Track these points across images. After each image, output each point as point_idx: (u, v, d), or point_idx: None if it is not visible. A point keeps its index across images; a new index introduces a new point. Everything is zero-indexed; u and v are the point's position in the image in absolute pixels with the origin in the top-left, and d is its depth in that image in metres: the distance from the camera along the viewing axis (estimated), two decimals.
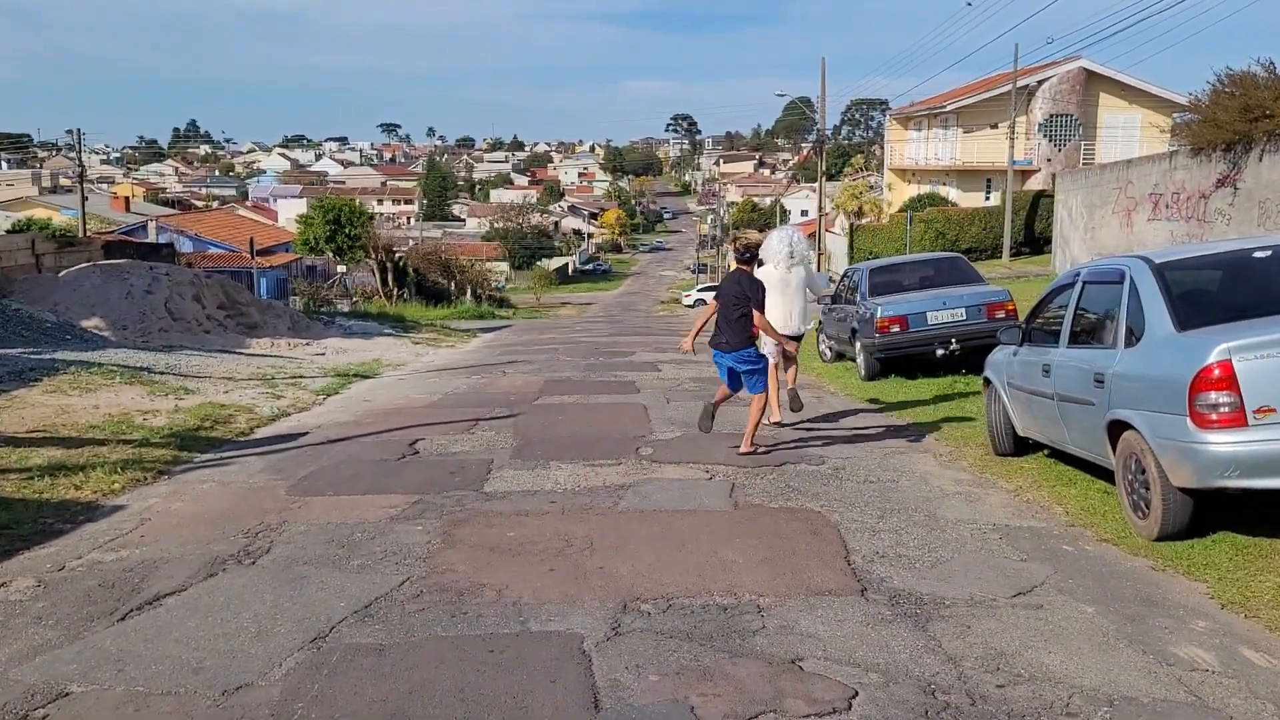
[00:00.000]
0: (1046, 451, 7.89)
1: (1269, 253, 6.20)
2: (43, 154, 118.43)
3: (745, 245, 8.64)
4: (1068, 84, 42.43)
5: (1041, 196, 39.13)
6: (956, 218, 40.08)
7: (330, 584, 5.23)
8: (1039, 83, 42.48)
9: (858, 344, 13.51)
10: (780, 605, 4.83)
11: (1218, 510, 5.76)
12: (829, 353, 15.74)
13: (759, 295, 8.42)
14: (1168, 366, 5.64)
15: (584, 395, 12.26)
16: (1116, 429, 6.10)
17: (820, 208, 45.99)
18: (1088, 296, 6.94)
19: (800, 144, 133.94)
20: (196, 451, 8.75)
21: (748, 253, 8.54)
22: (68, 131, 49.19)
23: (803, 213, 78.88)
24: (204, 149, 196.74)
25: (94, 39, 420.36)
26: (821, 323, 16.22)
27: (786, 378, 10.15)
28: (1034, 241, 39.05)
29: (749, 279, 8.50)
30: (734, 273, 8.66)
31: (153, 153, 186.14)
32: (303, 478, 7.75)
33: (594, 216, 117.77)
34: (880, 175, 55.72)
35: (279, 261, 45.99)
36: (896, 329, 12.78)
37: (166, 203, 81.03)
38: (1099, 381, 6.28)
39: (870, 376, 13.11)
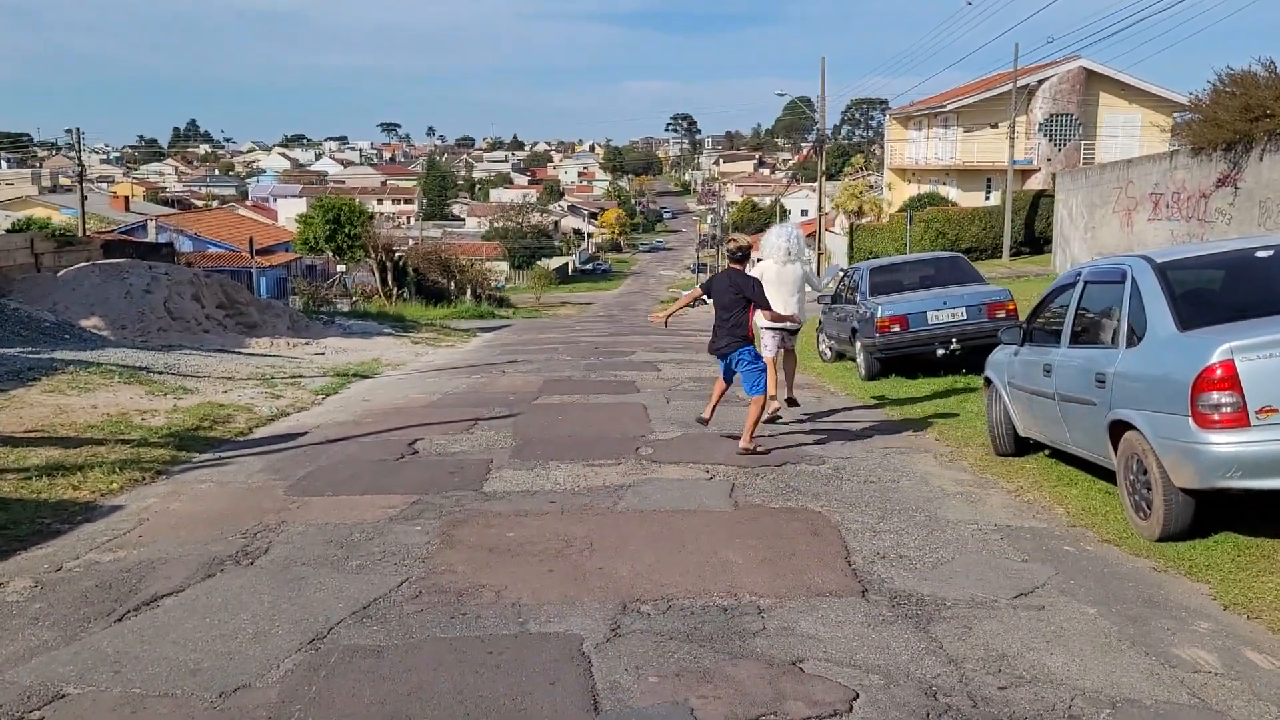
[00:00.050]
0: (1047, 452, 7.87)
1: (1271, 252, 6.18)
2: (42, 153, 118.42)
3: (737, 246, 8.90)
4: (1068, 84, 42.40)
5: (1041, 196, 39.09)
6: (956, 217, 40.04)
7: (328, 585, 5.21)
8: (1039, 82, 42.44)
9: (858, 344, 13.49)
10: (781, 606, 4.81)
11: (1220, 511, 5.74)
12: (829, 352, 15.72)
13: (759, 293, 8.56)
14: (1170, 366, 5.62)
15: (584, 395, 12.23)
16: (1118, 429, 6.08)
17: (820, 207, 45.95)
18: (1089, 296, 6.92)
19: (800, 144, 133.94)
20: (195, 451, 8.73)
21: (740, 252, 8.77)
22: (67, 131, 49.29)
23: (803, 212, 78.83)
24: (204, 148, 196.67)
25: (94, 39, 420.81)
26: (822, 322, 16.21)
27: (783, 377, 10.15)
28: (1034, 241, 39.02)
29: (745, 278, 8.66)
30: (727, 273, 8.80)
31: (152, 152, 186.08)
32: (301, 478, 7.73)
33: (594, 216, 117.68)
34: (880, 175, 55.69)
35: (278, 261, 45.96)
36: (897, 329, 12.76)
37: (166, 202, 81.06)
38: (1100, 381, 6.25)
39: (871, 376, 13.09)
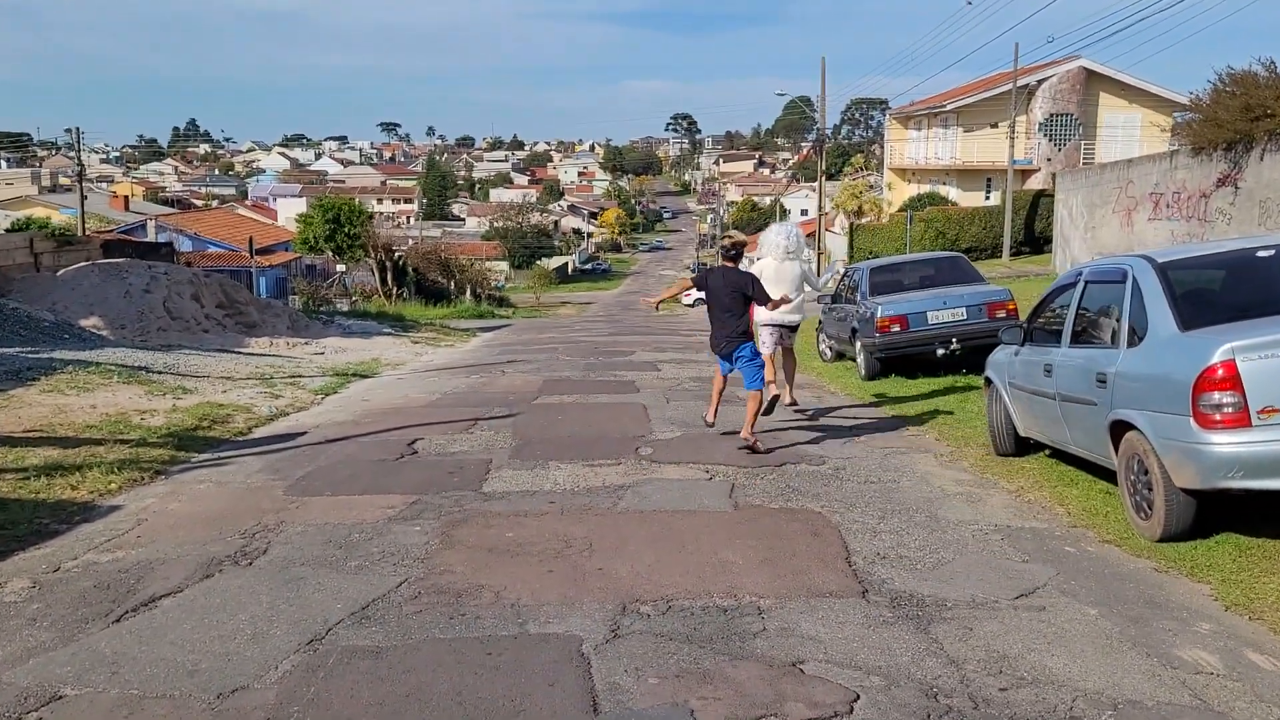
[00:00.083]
0: (1048, 452, 7.85)
1: (1272, 252, 6.16)
2: (42, 153, 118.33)
3: (733, 243, 9.16)
4: (1068, 83, 42.40)
5: (1041, 196, 39.08)
6: (956, 217, 40.04)
7: (327, 585, 5.19)
8: (1039, 82, 42.45)
9: (858, 343, 13.47)
10: (781, 607, 4.79)
11: (1221, 511, 5.73)
12: (829, 352, 15.70)
13: (758, 289, 8.69)
14: (1171, 366, 5.60)
15: (583, 395, 12.22)
16: (1119, 429, 6.06)
17: (820, 207, 45.94)
18: (1090, 296, 6.91)
19: (800, 143, 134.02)
20: (194, 451, 8.72)
21: (734, 250, 8.99)
22: (67, 130, 49.28)
23: (803, 212, 78.80)
24: (204, 148, 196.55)
25: (94, 38, 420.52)
26: (822, 322, 16.19)
27: (782, 377, 10.16)
28: (1034, 241, 39.01)
29: (742, 275, 8.81)
30: (722, 270, 8.92)
31: (152, 152, 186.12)
32: (300, 478, 7.71)
33: (594, 216, 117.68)
34: (880, 175, 55.69)
35: (278, 261, 45.92)
36: (897, 328, 12.74)
37: (166, 202, 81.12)
38: (1101, 381, 6.24)
39: (871, 376, 13.07)
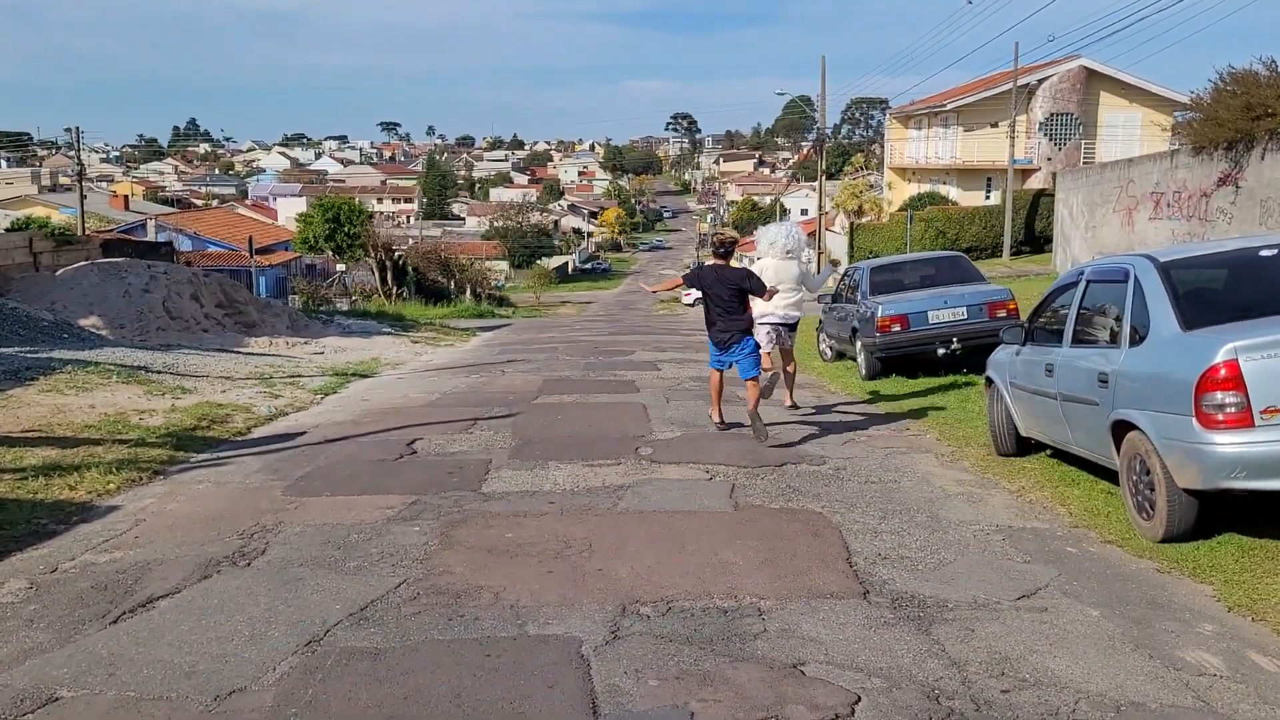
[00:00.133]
0: (1049, 452, 7.83)
1: (1275, 251, 6.13)
2: (42, 152, 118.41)
3: (723, 240, 9.43)
4: (1068, 83, 42.37)
5: (1042, 195, 39.05)
6: (957, 217, 40.00)
7: (326, 586, 5.17)
8: (1039, 81, 42.42)
9: (858, 343, 13.44)
10: (781, 608, 4.77)
11: (1223, 512, 5.70)
12: (829, 352, 15.67)
13: (755, 282, 8.93)
14: (1173, 366, 5.58)
15: (583, 394, 12.19)
16: (1121, 429, 6.04)
17: (820, 206, 45.94)
18: (1091, 295, 6.88)
19: (800, 143, 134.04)
20: (193, 451, 8.69)
21: (722, 247, 9.22)
22: (67, 130, 49.33)
23: (803, 211, 78.74)
24: (204, 147, 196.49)
25: (94, 38, 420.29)
26: (822, 322, 16.17)
27: (781, 379, 10.17)
28: (1034, 240, 38.98)
29: (737, 271, 9.02)
30: (715, 269, 9.03)
31: (152, 151, 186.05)
32: (299, 478, 7.69)
33: (594, 215, 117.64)
34: (880, 174, 55.65)
35: (278, 260, 45.90)
36: (897, 328, 12.71)
37: (166, 201, 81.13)
38: (1103, 381, 6.21)
39: (871, 376, 13.04)
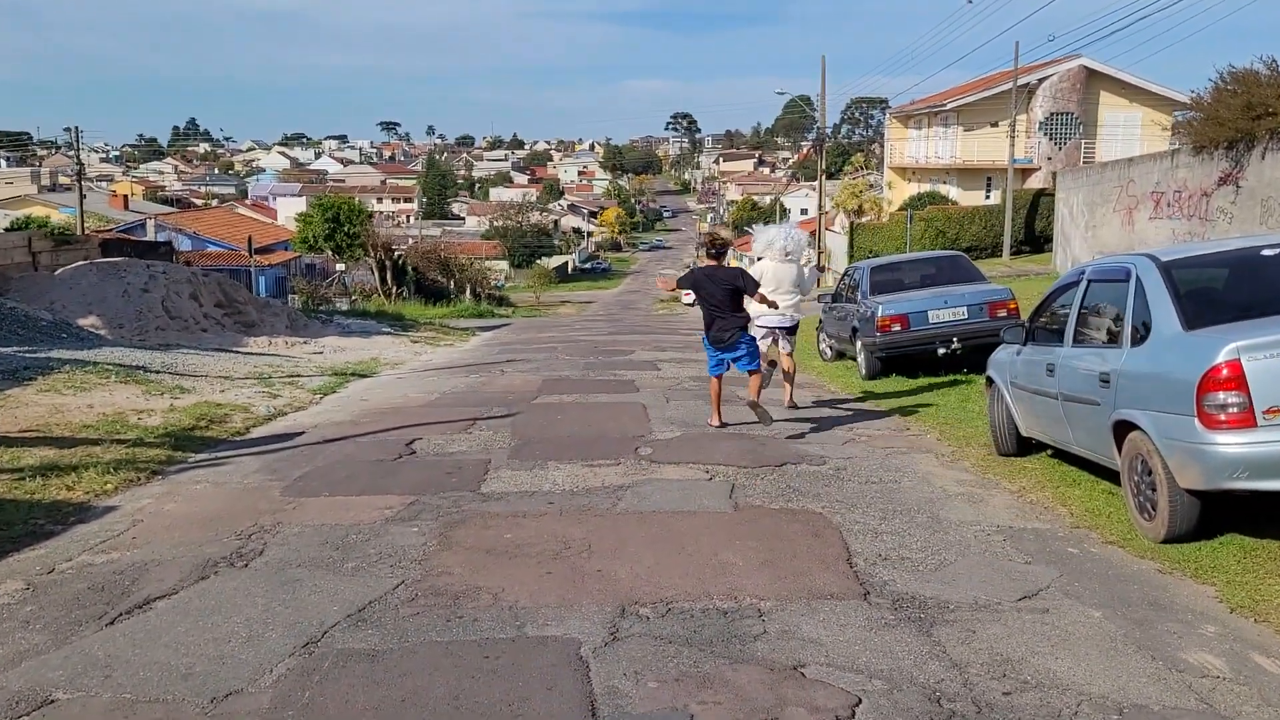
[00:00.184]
0: (1050, 452, 7.80)
1: (1277, 250, 6.11)
2: (42, 152, 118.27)
3: (714, 240, 9.55)
4: (1068, 82, 42.35)
5: (1042, 195, 39.02)
6: (957, 216, 39.98)
7: (324, 587, 5.14)
8: (1039, 81, 42.40)
9: (858, 343, 13.42)
10: (781, 609, 4.74)
11: (1225, 512, 5.67)
12: (829, 352, 15.65)
13: (749, 281, 9.01)
14: (1175, 366, 5.55)
15: (583, 394, 12.16)
16: (1122, 429, 6.01)
17: (820, 206, 45.90)
18: (1093, 295, 6.85)
19: (800, 142, 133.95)
20: (191, 451, 8.67)
21: (714, 248, 9.35)
22: (67, 130, 49.27)
23: (802, 211, 78.68)
24: (203, 147, 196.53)
25: (94, 38, 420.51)
26: (822, 321, 16.14)
27: (783, 379, 10.17)
28: (1034, 240, 38.96)
29: (730, 271, 9.16)
30: (708, 270, 9.10)
31: (152, 151, 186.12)
32: (298, 478, 7.66)
33: (593, 215, 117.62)
34: (880, 174, 55.62)
35: (278, 260, 45.89)
36: (898, 328, 12.68)
37: (166, 201, 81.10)
38: (1104, 381, 6.19)
39: (871, 375, 13.02)
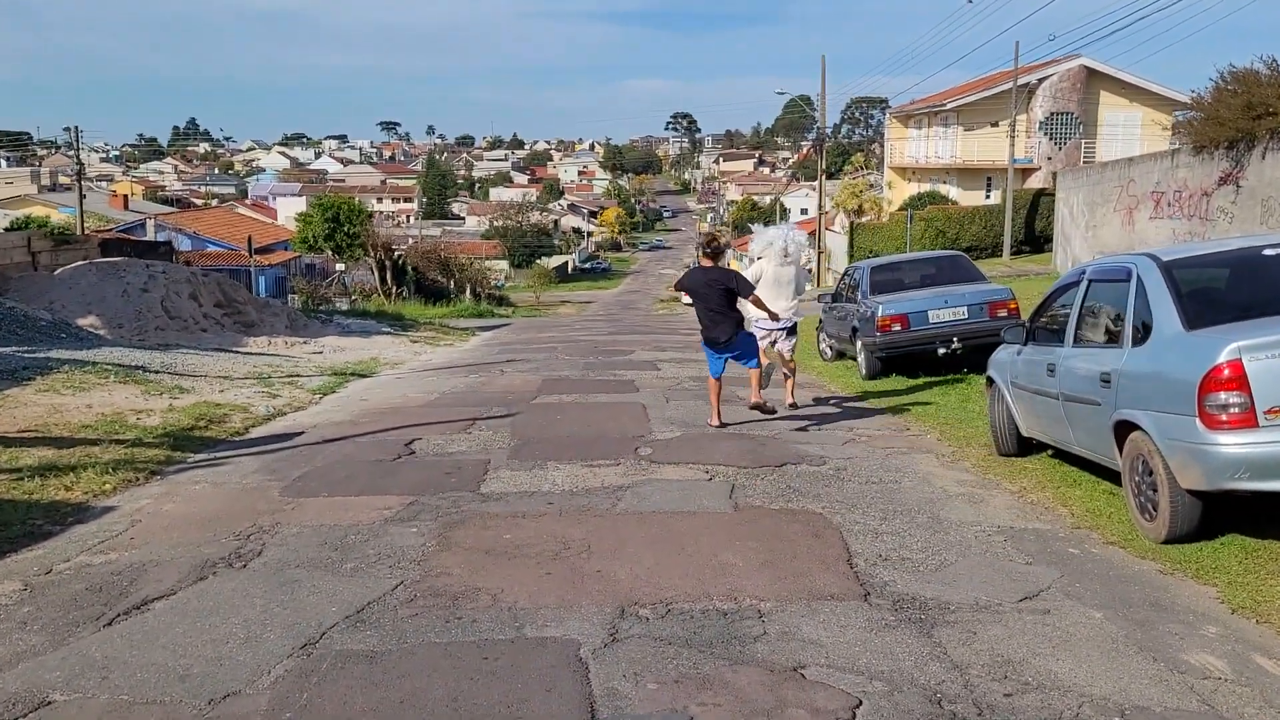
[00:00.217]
0: (1050, 452, 7.79)
1: (1278, 250, 6.09)
2: (42, 152, 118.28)
3: (711, 239, 9.75)
4: (1068, 82, 42.31)
5: (1042, 195, 38.97)
6: (957, 216, 39.92)
7: (322, 588, 5.12)
8: (1039, 81, 42.35)
9: (859, 343, 13.40)
10: (781, 610, 4.73)
11: (1227, 512, 5.66)
12: (830, 352, 15.63)
13: (741, 282, 9.15)
14: (1176, 366, 5.54)
15: (582, 394, 12.15)
16: (1123, 429, 5.99)
17: (820, 206, 45.87)
18: (1093, 295, 6.84)
19: (800, 142, 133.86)
20: (190, 451, 8.65)
21: (710, 248, 9.48)
22: (66, 129, 49.21)
23: (802, 211, 78.64)
24: (203, 147, 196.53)
25: (94, 37, 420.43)
26: (822, 321, 16.12)
27: (779, 376, 10.18)
28: (1034, 240, 38.91)
29: (723, 272, 9.22)
30: (703, 270, 9.35)
31: (152, 150, 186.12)
32: (297, 478, 7.64)
33: (593, 215, 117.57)
34: (880, 173, 55.58)
35: (278, 260, 45.86)
36: (898, 327, 12.66)
37: (166, 201, 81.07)
38: (1105, 381, 6.17)
39: (871, 375, 13.01)
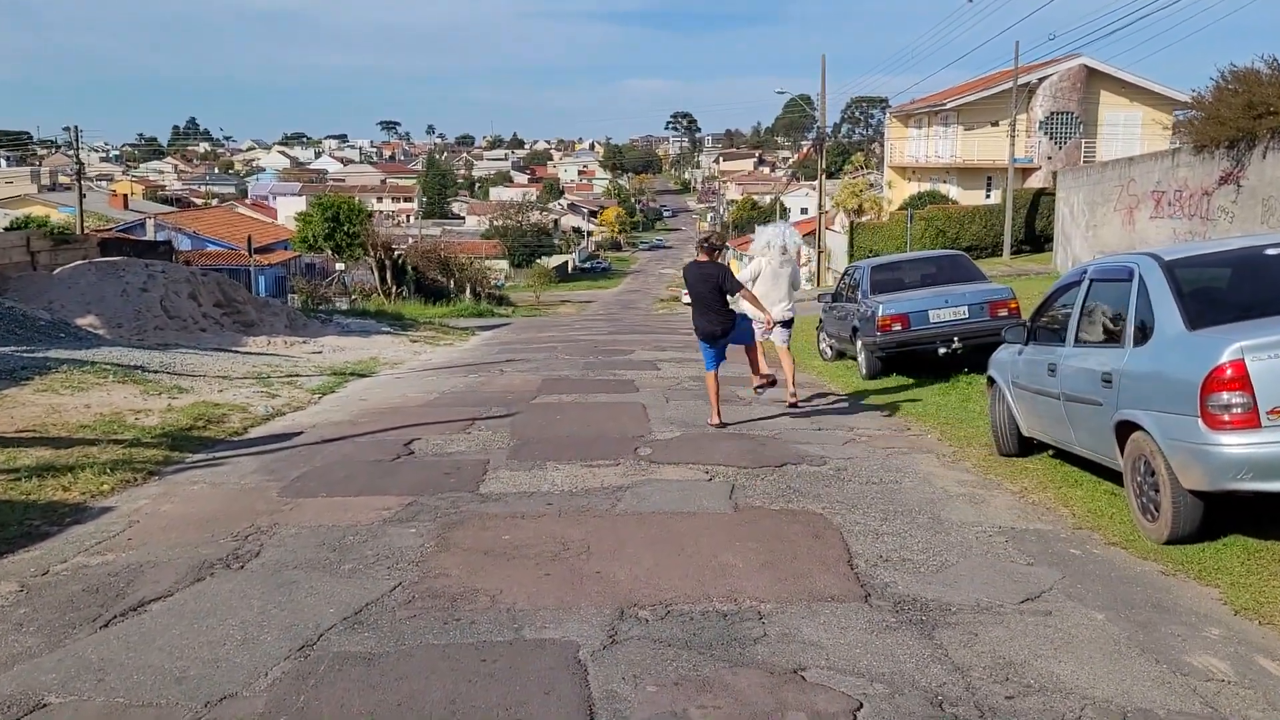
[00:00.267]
0: (1052, 452, 7.76)
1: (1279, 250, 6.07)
2: (42, 151, 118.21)
3: (709, 237, 9.90)
4: (1068, 81, 42.28)
5: (1042, 194, 38.93)
6: (957, 215, 39.89)
7: (320, 589, 5.10)
8: (1039, 80, 42.31)
9: (859, 342, 13.37)
10: (782, 612, 4.70)
11: (1229, 513, 5.63)
12: (830, 351, 15.60)
13: (729, 279, 9.33)
14: (1178, 366, 5.51)
15: (582, 394, 12.12)
16: (1125, 430, 5.97)
17: (820, 206, 45.83)
18: (1095, 294, 6.81)
19: (800, 142, 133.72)
20: (188, 451, 8.62)
21: (707, 243, 9.59)
22: (66, 129, 49.16)
23: (802, 210, 78.56)
24: (203, 146, 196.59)
25: (93, 37, 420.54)
26: (822, 321, 16.10)
27: (781, 377, 10.19)
28: (1035, 239, 38.87)
29: (714, 268, 9.33)
30: (697, 265, 9.46)
31: (152, 150, 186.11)
32: (295, 479, 7.62)
33: (593, 214, 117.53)
34: (880, 173, 55.53)
35: (277, 259, 45.82)
36: (898, 327, 12.63)
37: (165, 200, 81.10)
38: (1107, 381, 6.15)
39: (872, 375, 12.98)
